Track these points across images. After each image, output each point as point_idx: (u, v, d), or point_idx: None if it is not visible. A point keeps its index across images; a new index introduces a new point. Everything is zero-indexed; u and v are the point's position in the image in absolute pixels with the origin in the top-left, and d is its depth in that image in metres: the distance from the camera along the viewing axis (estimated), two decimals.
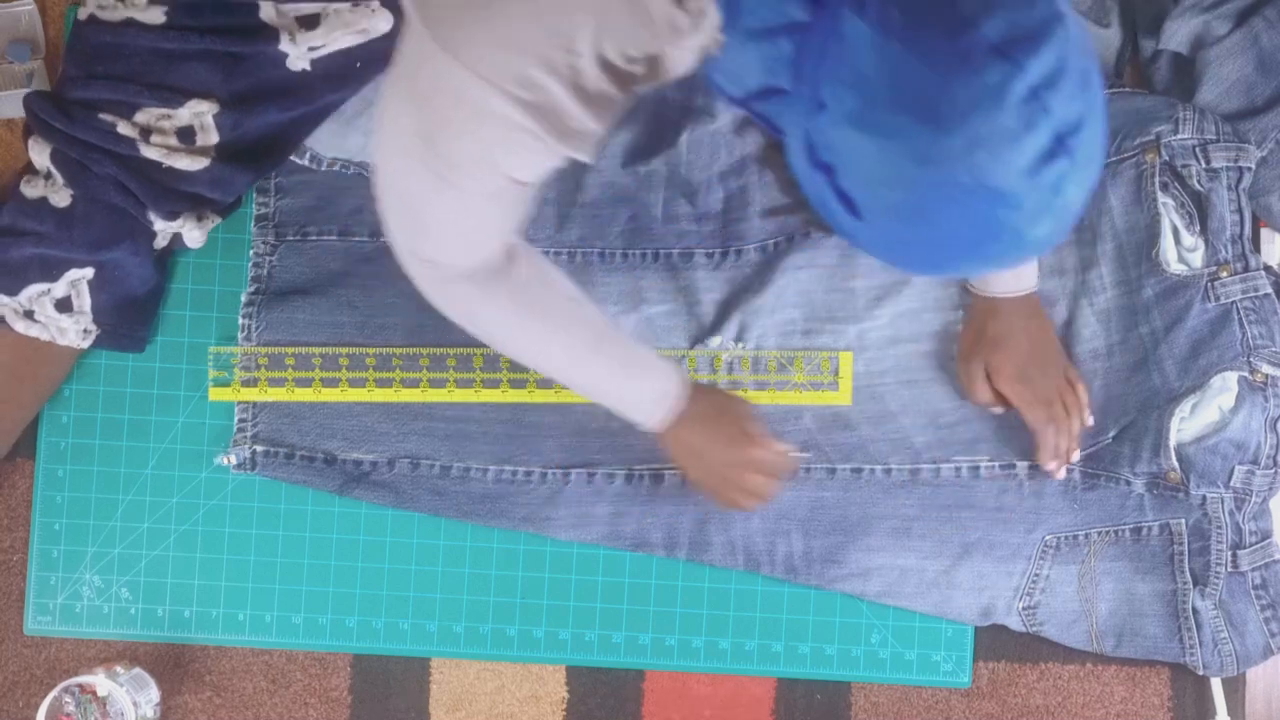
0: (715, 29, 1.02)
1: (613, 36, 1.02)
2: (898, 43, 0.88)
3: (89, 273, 1.43)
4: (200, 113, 1.39)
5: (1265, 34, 1.49)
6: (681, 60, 1.09)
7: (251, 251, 1.54)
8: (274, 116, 1.43)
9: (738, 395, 1.45)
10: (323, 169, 1.53)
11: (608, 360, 1.33)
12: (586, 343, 1.32)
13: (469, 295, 1.25)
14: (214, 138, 1.40)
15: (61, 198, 1.41)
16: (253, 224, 1.54)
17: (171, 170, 1.41)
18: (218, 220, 1.49)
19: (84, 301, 1.44)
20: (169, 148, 1.40)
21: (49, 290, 1.43)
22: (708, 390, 1.41)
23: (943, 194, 0.90)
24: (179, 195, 1.43)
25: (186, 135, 1.40)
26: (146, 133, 1.39)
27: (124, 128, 1.39)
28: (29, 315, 1.43)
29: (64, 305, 1.44)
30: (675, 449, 1.41)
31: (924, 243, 0.93)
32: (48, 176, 1.42)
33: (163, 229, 1.45)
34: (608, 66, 1.04)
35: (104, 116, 1.39)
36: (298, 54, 1.40)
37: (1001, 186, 0.89)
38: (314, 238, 1.54)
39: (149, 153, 1.39)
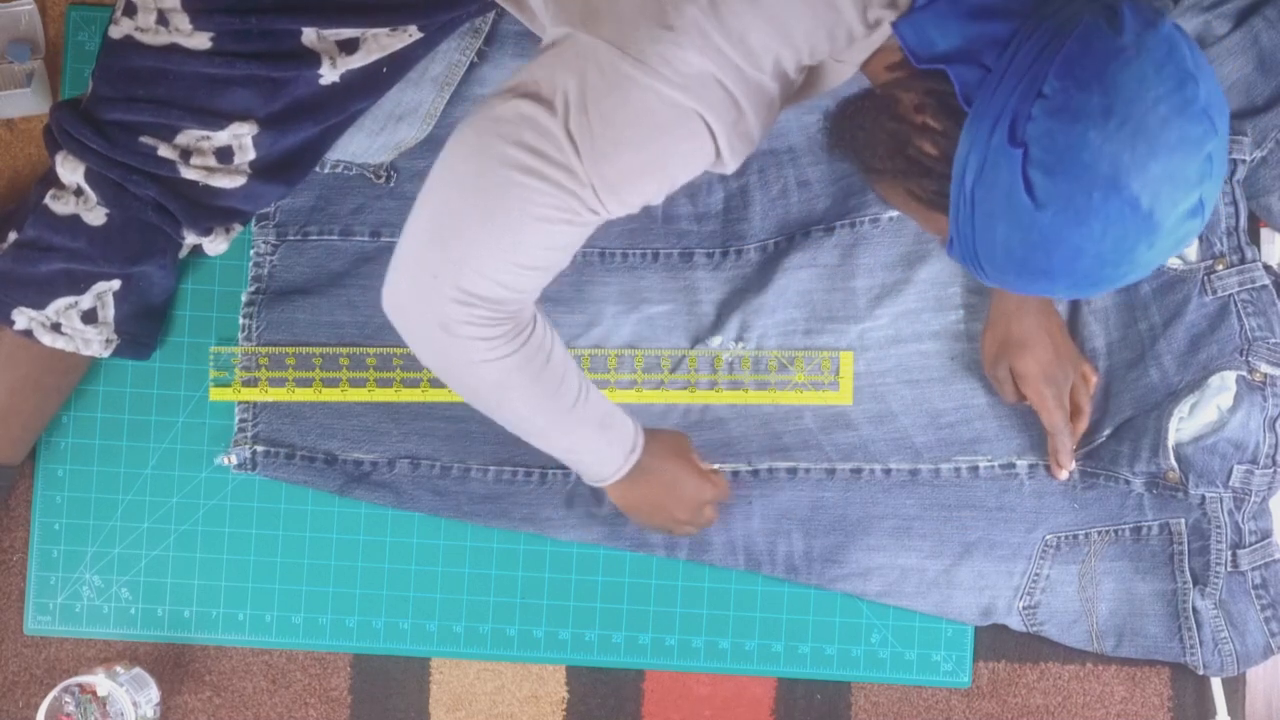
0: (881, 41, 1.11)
1: (810, 47, 1.10)
2: (1150, 67, 0.99)
3: (116, 285, 1.44)
4: (240, 134, 1.39)
5: (1265, 33, 1.49)
6: (840, 73, 1.19)
7: (252, 251, 1.54)
8: (308, 131, 1.43)
9: (670, 430, 1.45)
10: (325, 171, 1.53)
11: (588, 420, 1.31)
12: (571, 404, 1.29)
13: (489, 347, 1.19)
14: (250, 155, 1.41)
15: (96, 216, 1.41)
16: (254, 224, 1.54)
17: (208, 188, 1.41)
18: (239, 228, 1.49)
19: (108, 312, 1.45)
20: (208, 168, 1.40)
21: (76, 303, 1.43)
22: (651, 433, 1.39)
23: (1117, 209, 0.99)
24: (214, 211, 1.43)
25: (225, 155, 1.41)
26: (186, 154, 1.40)
27: (165, 150, 1.39)
28: (56, 328, 1.43)
29: (90, 317, 1.44)
30: (632, 498, 1.40)
31: (1066, 249, 1.01)
32: (78, 193, 1.42)
33: (193, 242, 1.46)
34: (782, 76, 1.11)
35: (144, 140, 1.39)
36: (329, 69, 1.41)
37: (1161, 222, 1.00)
38: (314, 238, 1.54)
39: (188, 174, 1.40)
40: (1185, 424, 1.50)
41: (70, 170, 1.40)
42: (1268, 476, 1.49)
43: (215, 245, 1.46)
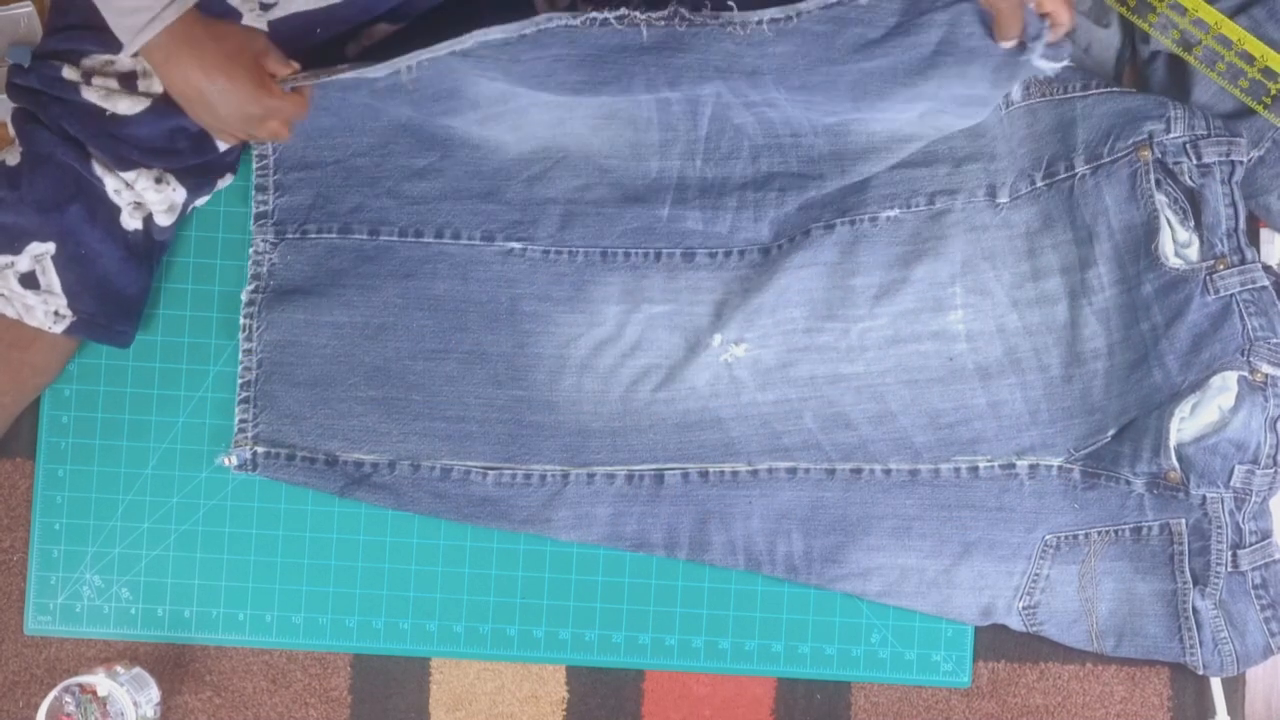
0: None
1: None
2: None
3: (51, 248, 1.42)
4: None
5: (1263, 29, 1.49)
6: None
7: (252, 250, 1.53)
8: None
9: (246, 28, 1.34)
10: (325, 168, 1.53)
11: None
12: None
13: None
14: (158, 85, 1.39)
15: (13, 156, 1.41)
16: (252, 222, 1.54)
17: (115, 117, 1.39)
18: (181, 191, 1.45)
19: (51, 280, 1.43)
20: (107, 89, 1.38)
21: (12, 263, 1.42)
22: (217, 21, 1.30)
23: None
24: (123, 144, 1.40)
25: (128, 80, 1.39)
26: (89, 75, 1.38)
27: (68, 72, 1.38)
28: None
29: (29, 281, 1.43)
30: (172, 74, 1.28)
31: None
32: (14, 141, 1.42)
33: (115, 187, 1.42)
34: None
35: (53, 64, 1.39)
36: (251, 15, 1.39)
37: None
38: (313, 235, 1.54)
39: (89, 95, 1.38)
40: (1186, 424, 1.50)
41: (6, 113, 1.40)
42: (1269, 477, 1.49)
43: (155, 204, 1.43)
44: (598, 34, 1.39)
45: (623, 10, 1.39)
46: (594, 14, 1.39)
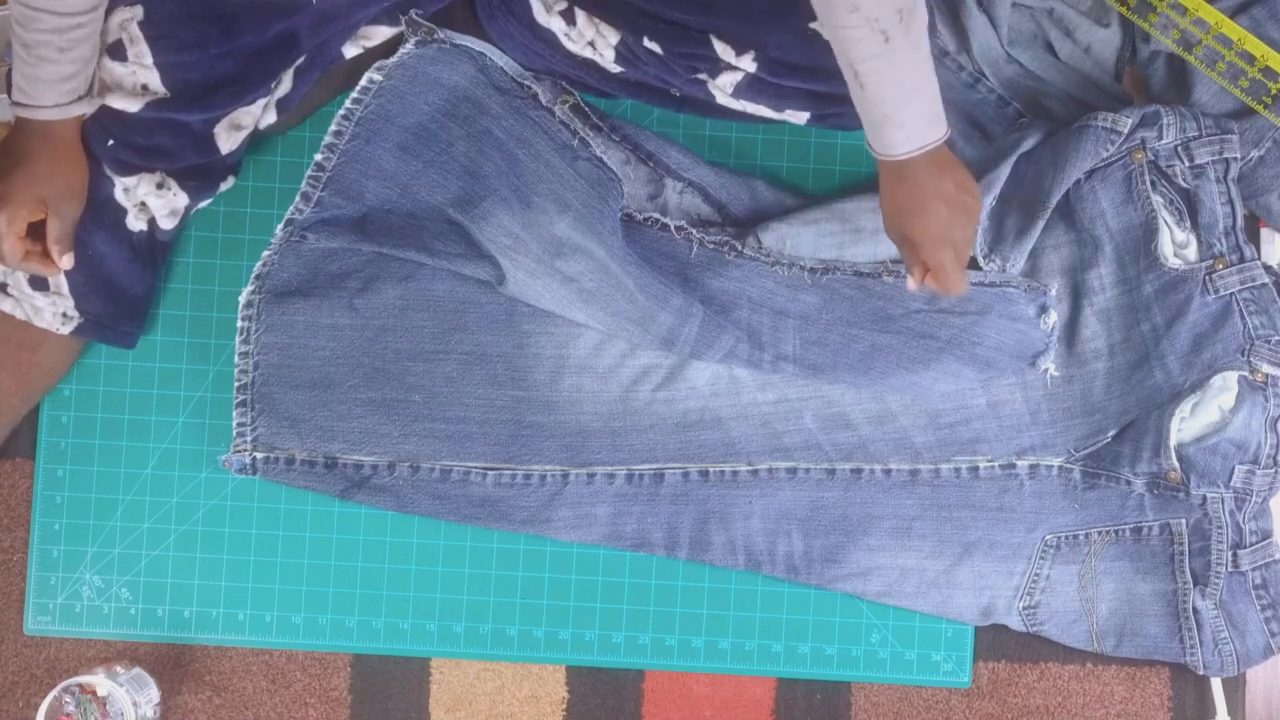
0: None
1: None
2: None
3: None
4: (125, 20, 1.37)
5: (1265, 29, 1.49)
6: None
7: (266, 252, 1.50)
8: (218, 47, 1.39)
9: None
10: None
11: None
12: None
13: None
14: (147, 57, 1.37)
15: None
16: (280, 225, 1.49)
17: (113, 115, 1.38)
18: (183, 196, 1.45)
19: (59, 281, 1.43)
20: (103, 85, 1.37)
21: None
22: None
23: None
24: (122, 144, 1.40)
25: (117, 51, 1.37)
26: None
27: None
28: (2, 289, 1.42)
29: (39, 283, 1.43)
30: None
31: None
32: None
33: (121, 193, 1.42)
34: None
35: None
36: None
37: None
38: (313, 243, 1.52)
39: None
40: (1187, 424, 1.50)
41: (6, 112, 1.39)
42: (1269, 477, 1.49)
43: (158, 209, 1.43)
44: (654, 236, 1.50)
45: (683, 223, 1.50)
46: (656, 216, 1.51)
